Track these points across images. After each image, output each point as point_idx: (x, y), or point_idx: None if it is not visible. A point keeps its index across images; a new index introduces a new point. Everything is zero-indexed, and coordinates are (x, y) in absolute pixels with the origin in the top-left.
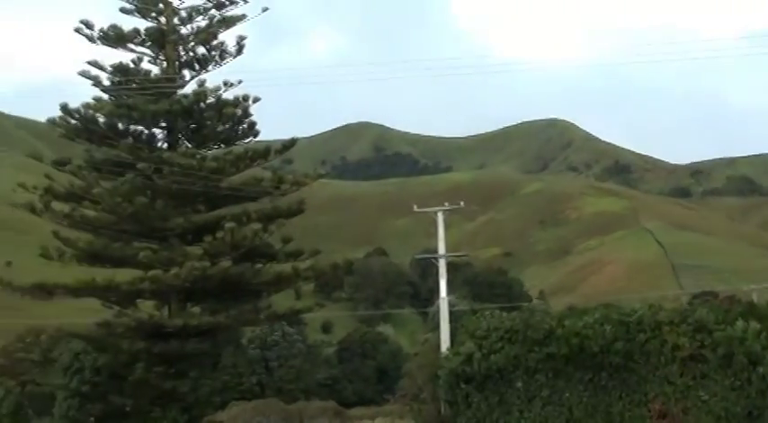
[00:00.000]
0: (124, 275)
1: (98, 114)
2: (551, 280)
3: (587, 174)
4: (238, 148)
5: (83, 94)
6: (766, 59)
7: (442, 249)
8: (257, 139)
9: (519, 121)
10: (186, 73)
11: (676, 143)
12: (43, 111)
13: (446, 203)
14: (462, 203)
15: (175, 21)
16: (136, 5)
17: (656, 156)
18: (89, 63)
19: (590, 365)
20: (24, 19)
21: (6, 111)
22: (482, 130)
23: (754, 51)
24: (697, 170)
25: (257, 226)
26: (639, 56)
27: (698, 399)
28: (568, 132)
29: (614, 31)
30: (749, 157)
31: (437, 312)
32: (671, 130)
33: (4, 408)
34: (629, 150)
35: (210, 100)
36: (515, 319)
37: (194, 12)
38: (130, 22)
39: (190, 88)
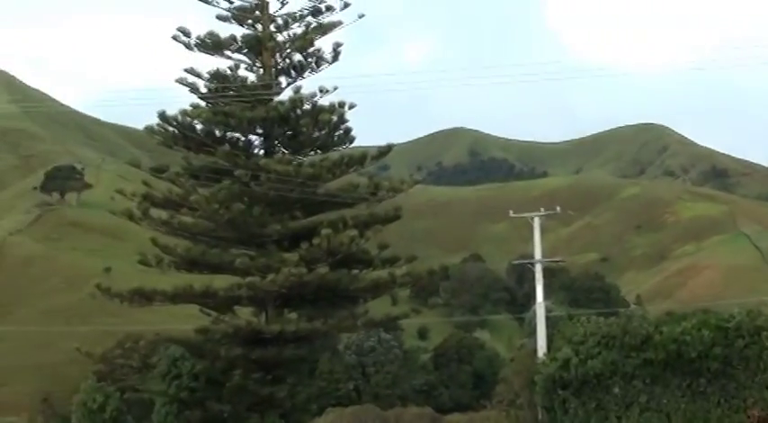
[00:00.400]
0: (222, 282)
1: (195, 121)
2: (648, 285)
3: (684, 178)
4: (334, 154)
5: (180, 101)
6: None
7: (538, 255)
8: (353, 145)
9: (615, 126)
10: (282, 80)
11: None
12: (141, 118)
13: (542, 209)
14: (558, 209)
15: (272, 28)
16: (233, 13)
17: (753, 160)
18: (186, 70)
19: (688, 371)
20: (122, 27)
21: (104, 118)
22: (578, 135)
23: None
24: None
25: (354, 232)
26: (736, 60)
27: None
28: (665, 137)
29: (709, 34)
30: None
31: (533, 318)
32: None
33: (105, 414)
34: (725, 154)
35: (306, 107)
36: (612, 325)
37: (291, 19)
38: (227, 30)
39: (286, 95)
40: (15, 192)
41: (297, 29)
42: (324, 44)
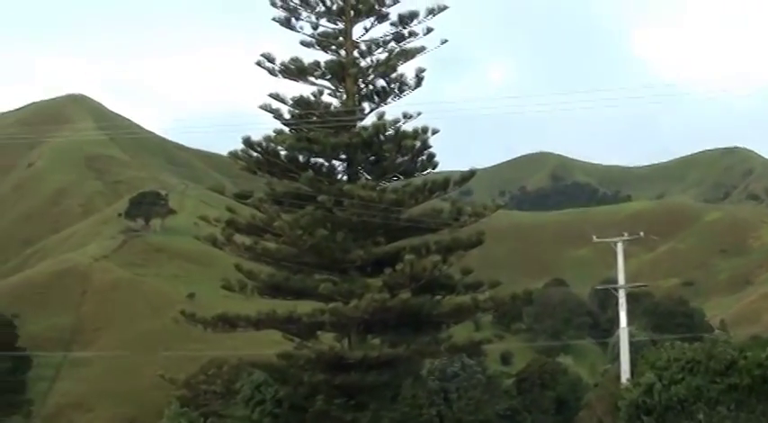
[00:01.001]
0: (305, 307)
1: (279, 147)
2: (733, 310)
3: None
4: (417, 179)
5: (264, 127)
6: None
7: (621, 279)
8: (436, 170)
9: (698, 150)
10: (366, 105)
11: None
12: (224, 144)
13: (625, 233)
14: (642, 233)
15: (355, 54)
16: (317, 39)
17: None
18: (271, 96)
19: None
20: (206, 53)
21: (188, 144)
22: (662, 159)
23: None
24: None
25: (436, 258)
26: None
27: None
28: (749, 160)
29: None
30: None
31: (617, 343)
32: None
33: None
34: None
35: (390, 132)
36: (697, 350)
37: (374, 44)
38: (311, 55)
39: (369, 121)
40: (101, 218)
41: (380, 54)
42: (407, 69)
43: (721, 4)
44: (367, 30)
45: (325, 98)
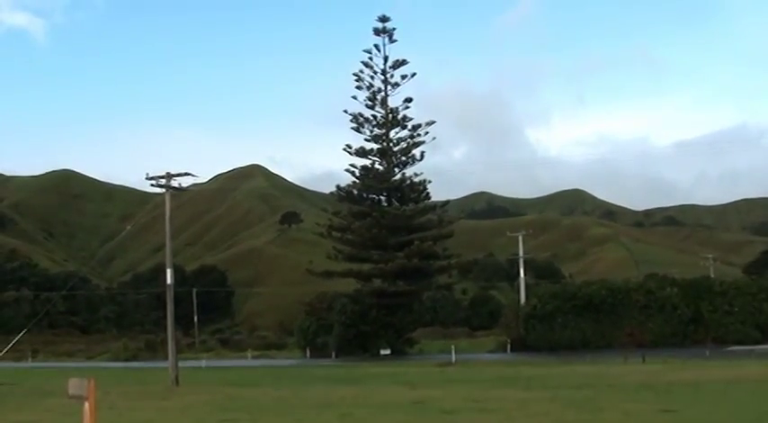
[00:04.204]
0: (366, 267)
1: (354, 189)
2: (577, 268)
3: None
4: (420, 204)
5: (346, 178)
6: None
7: (521, 253)
8: (429, 199)
9: None
10: (396, 170)
11: None
12: (329, 186)
13: (522, 231)
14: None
15: (391, 144)
16: (372, 136)
17: None
18: (350, 165)
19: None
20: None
21: (311, 187)
22: None
23: None
24: None
25: (430, 243)
26: None
27: None
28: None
29: None
30: None
31: (519, 284)
32: None
33: (310, 330)
34: None
35: (407, 183)
36: (557, 287)
37: (399, 140)
38: (368, 144)
39: (398, 176)
40: (268, 223)
41: (402, 144)
42: (416, 151)
43: None
44: (397, 133)
45: (376, 165)
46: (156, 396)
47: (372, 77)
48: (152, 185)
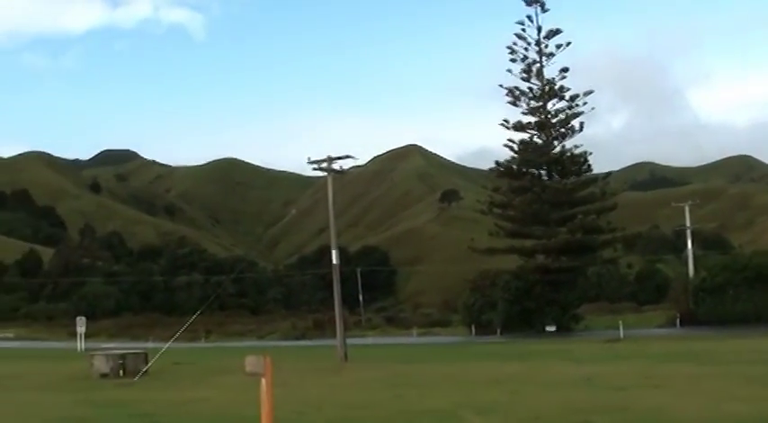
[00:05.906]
0: (528, 243)
1: (513, 164)
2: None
3: None
4: (582, 177)
5: (505, 153)
6: None
7: (688, 224)
8: (591, 172)
9: None
10: (555, 142)
11: None
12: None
13: (690, 201)
14: None
15: (549, 116)
16: (529, 109)
17: None
18: (508, 140)
19: None
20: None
21: (468, 164)
22: None
23: None
24: None
25: (593, 216)
26: None
27: None
28: None
29: None
30: None
31: (687, 256)
32: None
33: (474, 308)
34: None
35: (567, 155)
36: (726, 259)
37: (557, 111)
38: (525, 117)
39: (558, 148)
40: (427, 203)
41: (561, 115)
42: (575, 122)
43: None
44: (555, 105)
45: (534, 138)
46: (327, 372)
47: (526, 49)
48: (314, 169)
